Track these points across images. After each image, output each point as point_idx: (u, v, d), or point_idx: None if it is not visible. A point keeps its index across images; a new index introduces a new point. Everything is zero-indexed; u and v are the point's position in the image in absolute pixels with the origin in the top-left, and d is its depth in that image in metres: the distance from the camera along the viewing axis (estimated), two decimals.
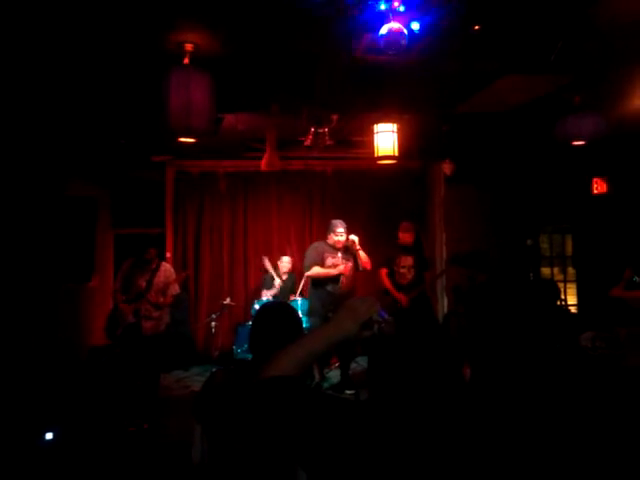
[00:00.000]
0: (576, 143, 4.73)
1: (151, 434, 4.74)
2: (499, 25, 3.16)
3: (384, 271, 5.87)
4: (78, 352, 6.08)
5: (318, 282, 5.66)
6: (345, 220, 5.83)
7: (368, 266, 5.74)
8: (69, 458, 3.94)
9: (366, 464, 1.18)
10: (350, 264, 5.62)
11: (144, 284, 5.17)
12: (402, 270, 5.68)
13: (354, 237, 5.68)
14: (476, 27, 3.13)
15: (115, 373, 5.32)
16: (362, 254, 5.66)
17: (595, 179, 7.20)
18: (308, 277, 5.83)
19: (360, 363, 6.46)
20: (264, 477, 1.94)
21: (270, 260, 6.88)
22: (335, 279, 5.55)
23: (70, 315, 6.16)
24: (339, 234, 5.62)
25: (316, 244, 5.81)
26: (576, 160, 6.21)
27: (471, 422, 1.29)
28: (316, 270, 5.55)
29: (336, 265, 5.51)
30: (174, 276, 5.39)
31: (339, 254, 5.51)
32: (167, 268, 5.42)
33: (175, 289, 5.38)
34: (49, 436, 3.92)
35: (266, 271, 6.82)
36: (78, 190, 6.15)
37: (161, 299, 5.23)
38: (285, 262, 6.95)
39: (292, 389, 1.20)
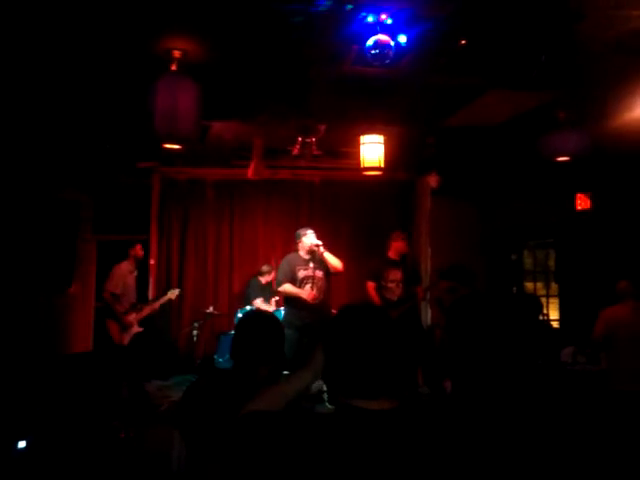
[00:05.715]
0: (560, 159, 4.77)
1: (130, 443, 4.66)
2: (484, 40, 3.19)
3: (372, 285, 5.55)
4: (56, 359, 5.96)
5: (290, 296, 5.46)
6: (331, 230, 5.73)
7: (340, 268, 5.38)
8: (42, 468, 3.85)
9: (340, 475, 1.19)
10: (320, 273, 5.39)
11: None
12: (390, 285, 5.34)
13: (317, 241, 5.32)
14: (462, 42, 3.16)
15: (95, 381, 5.23)
16: (328, 256, 5.31)
17: (579, 195, 7.27)
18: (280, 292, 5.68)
19: None
20: None
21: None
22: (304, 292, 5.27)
23: (48, 322, 6.05)
24: (309, 235, 5.32)
25: (288, 257, 5.52)
26: (560, 176, 6.27)
27: (452, 434, 1.30)
28: (286, 288, 5.39)
29: (308, 276, 5.34)
30: None
31: (311, 264, 5.33)
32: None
33: None
34: (22, 444, 3.83)
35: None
36: (59, 193, 6.07)
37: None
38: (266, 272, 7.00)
39: (271, 423, 1.33)
